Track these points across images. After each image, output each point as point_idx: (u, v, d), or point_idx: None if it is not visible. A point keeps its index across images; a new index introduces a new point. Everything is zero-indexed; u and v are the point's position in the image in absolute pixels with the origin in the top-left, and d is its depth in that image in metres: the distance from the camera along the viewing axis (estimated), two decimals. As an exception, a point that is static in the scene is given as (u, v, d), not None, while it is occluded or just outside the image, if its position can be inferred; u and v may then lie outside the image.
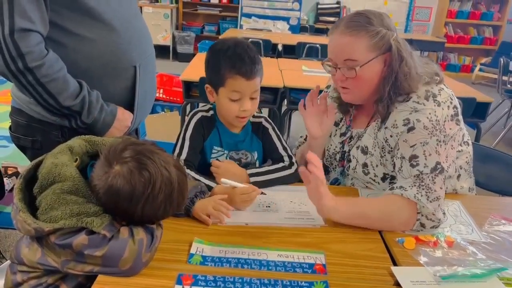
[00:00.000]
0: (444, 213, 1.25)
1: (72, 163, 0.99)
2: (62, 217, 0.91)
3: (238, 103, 1.34)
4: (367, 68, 1.28)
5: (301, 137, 1.71)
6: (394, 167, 1.32)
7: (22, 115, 1.39)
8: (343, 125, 1.52)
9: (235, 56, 1.31)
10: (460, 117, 1.34)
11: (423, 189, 1.22)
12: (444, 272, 1.04)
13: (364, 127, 1.44)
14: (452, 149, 1.30)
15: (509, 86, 4.85)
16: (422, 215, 1.21)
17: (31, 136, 1.41)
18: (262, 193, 1.30)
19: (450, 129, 1.28)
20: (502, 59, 4.79)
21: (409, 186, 1.23)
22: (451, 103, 1.30)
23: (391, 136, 1.32)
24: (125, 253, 0.91)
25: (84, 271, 0.92)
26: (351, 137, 1.49)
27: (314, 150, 1.53)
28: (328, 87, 1.62)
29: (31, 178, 1.00)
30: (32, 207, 0.95)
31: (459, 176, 1.47)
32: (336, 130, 1.53)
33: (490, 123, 4.75)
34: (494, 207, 1.43)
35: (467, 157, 1.46)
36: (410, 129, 1.26)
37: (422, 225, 1.22)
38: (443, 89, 1.31)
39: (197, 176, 1.33)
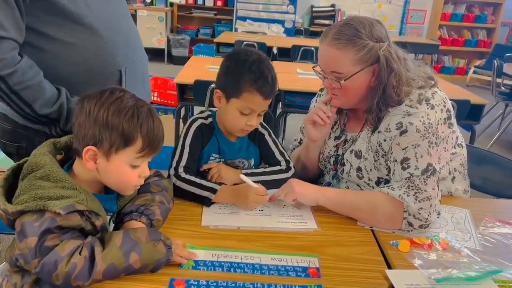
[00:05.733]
0: (439, 213, 1.25)
1: (48, 153, 1.00)
2: (26, 201, 0.91)
3: (246, 117, 1.33)
4: (353, 80, 1.28)
5: (295, 140, 1.70)
6: (388, 171, 1.32)
7: (7, 120, 1.36)
8: (337, 128, 1.52)
9: (259, 73, 1.29)
10: (453, 120, 1.33)
11: (412, 189, 1.22)
12: (439, 275, 1.03)
13: (358, 131, 1.44)
14: (445, 151, 1.30)
15: (503, 88, 4.86)
16: (409, 214, 1.21)
17: (17, 142, 1.37)
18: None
19: (443, 132, 1.28)
20: (496, 61, 4.81)
21: (398, 187, 1.24)
22: (444, 106, 1.29)
23: (384, 140, 1.31)
24: (57, 270, 0.88)
25: (32, 270, 0.91)
26: (345, 141, 1.48)
27: (311, 151, 1.53)
28: (322, 89, 1.62)
29: (20, 171, 1.00)
30: None
31: (453, 178, 1.46)
32: (330, 133, 1.52)
33: (484, 125, 4.77)
34: (489, 209, 1.42)
35: (461, 159, 1.46)
36: (403, 132, 1.26)
37: (410, 224, 1.22)
38: (436, 92, 1.31)
39: (198, 180, 1.32)
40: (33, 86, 1.20)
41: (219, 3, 7.66)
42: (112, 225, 1.10)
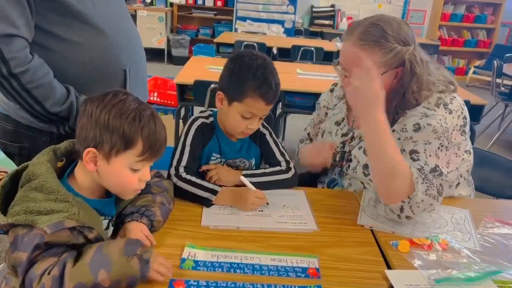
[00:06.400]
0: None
1: (47, 162, 0.98)
2: (18, 213, 0.90)
3: (248, 121, 1.34)
4: None
5: (305, 130, 1.71)
6: None
7: (9, 121, 1.36)
8: (344, 125, 1.51)
9: (263, 79, 1.28)
10: (467, 127, 1.32)
11: (426, 182, 1.19)
12: (438, 275, 1.03)
13: None
14: (456, 156, 1.29)
15: (502, 88, 4.87)
16: (409, 203, 1.18)
17: (19, 142, 1.38)
18: (266, 203, 1.32)
19: (455, 138, 1.27)
20: (495, 62, 4.81)
21: (416, 177, 1.19)
22: (461, 113, 1.28)
23: (398, 139, 1.30)
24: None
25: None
26: (352, 137, 1.47)
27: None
28: (335, 84, 1.61)
29: (19, 178, 0.99)
30: None
31: (458, 184, 1.47)
32: (337, 130, 1.52)
33: (484, 125, 4.77)
34: (488, 210, 1.42)
35: (467, 166, 1.45)
36: (418, 129, 1.25)
37: (401, 209, 1.20)
38: (455, 98, 1.30)
39: (198, 181, 1.32)
40: (44, 84, 1.22)
41: (219, 3, 7.65)
42: (111, 228, 1.10)
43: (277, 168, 1.45)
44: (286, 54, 4.97)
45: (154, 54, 7.24)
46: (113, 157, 0.97)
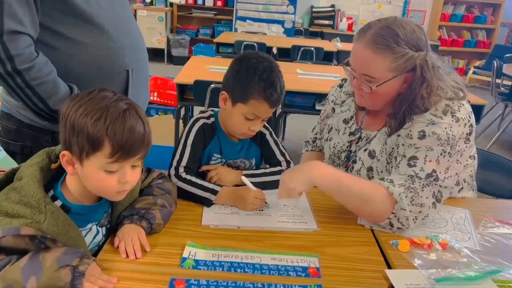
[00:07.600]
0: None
1: (36, 165, 0.97)
2: None
3: (250, 122, 1.34)
4: (384, 86, 1.26)
5: (313, 129, 1.70)
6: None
7: (11, 120, 1.37)
8: (353, 124, 1.50)
9: (269, 82, 1.28)
10: (473, 135, 1.31)
11: (410, 191, 1.21)
12: (438, 275, 1.03)
13: (375, 131, 1.43)
14: (457, 163, 1.29)
15: (502, 88, 4.87)
16: (395, 216, 1.20)
17: (21, 141, 1.39)
18: (265, 203, 1.32)
19: (459, 146, 1.26)
20: (495, 62, 4.81)
21: (398, 184, 1.22)
22: (468, 121, 1.28)
23: (403, 144, 1.30)
24: None
25: None
26: (359, 138, 1.47)
27: None
28: (344, 79, 1.61)
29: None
30: None
31: (461, 189, 1.46)
32: (346, 128, 1.51)
33: (484, 125, 4.78)
34: (489, 210, 1.43)
35: (471, 171, 1.45)
36: (423, 137, 1.25)
37: (390, 225, 1.22)
38: (463, 105, 1.29)
39: (198, 181, 1.32)
40: (48, 82, 1.23)
41: (219, 3, 7.66)
42: (100, 232, 1.09)
43: (278, 168, 1.45)
44: (286, 54, 4.98)
45: (154, 54, 7.24)
46: (85, 159, 0.93)
